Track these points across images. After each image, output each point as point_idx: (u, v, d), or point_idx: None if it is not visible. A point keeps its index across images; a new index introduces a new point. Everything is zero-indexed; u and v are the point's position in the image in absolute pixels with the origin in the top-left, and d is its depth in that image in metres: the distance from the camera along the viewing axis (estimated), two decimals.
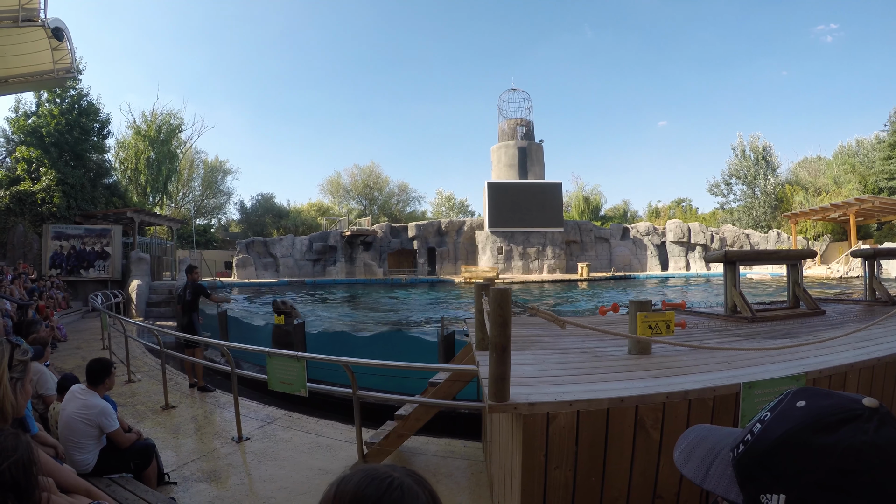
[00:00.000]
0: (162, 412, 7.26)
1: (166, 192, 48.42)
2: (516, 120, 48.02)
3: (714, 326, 5.18)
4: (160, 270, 27.57)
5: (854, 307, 6.89)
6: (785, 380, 2.83)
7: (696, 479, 0.86)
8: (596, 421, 2.50)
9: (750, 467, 0.79)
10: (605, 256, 47.60)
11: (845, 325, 4.99)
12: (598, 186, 69.99)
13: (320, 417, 6.95)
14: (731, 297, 5.74)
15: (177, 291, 6.83)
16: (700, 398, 2.69)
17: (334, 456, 5.54)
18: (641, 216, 67.21)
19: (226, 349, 6.51)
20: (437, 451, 5.59)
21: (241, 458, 5.60)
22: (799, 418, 0.76)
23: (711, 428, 0.95)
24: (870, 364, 3.35)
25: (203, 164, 57.12)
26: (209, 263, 41.32)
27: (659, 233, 48.29)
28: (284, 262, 42.82)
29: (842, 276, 32.55)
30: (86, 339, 13.86)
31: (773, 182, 53.91)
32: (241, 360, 10.66)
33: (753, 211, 53.49)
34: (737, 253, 5.79)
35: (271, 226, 55.34)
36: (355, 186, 64.17)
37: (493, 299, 2.39)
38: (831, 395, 0.78)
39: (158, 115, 47.49)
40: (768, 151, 56.11)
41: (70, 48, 15.27)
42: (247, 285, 35.80)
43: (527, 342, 4.23)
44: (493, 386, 2.39)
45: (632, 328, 3.56)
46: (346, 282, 39.98)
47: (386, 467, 0.96)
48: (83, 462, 4.20)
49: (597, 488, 2.59)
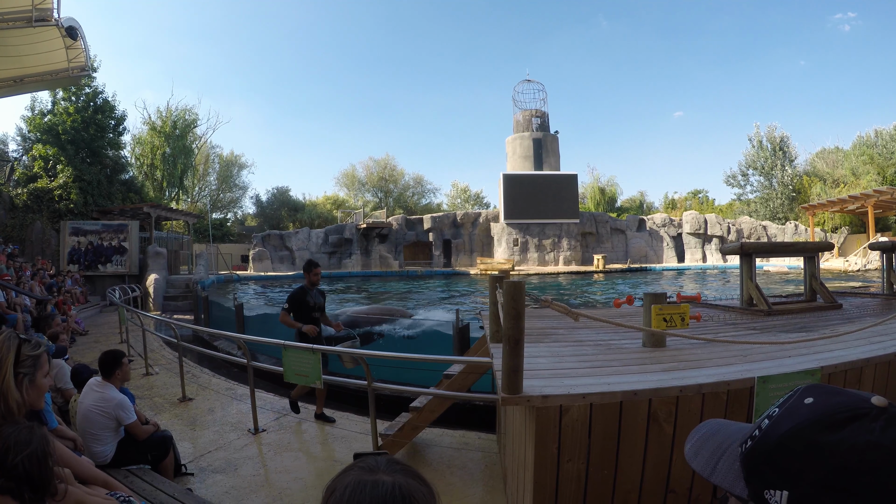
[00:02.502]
0: (179, 404, 7.34)
1: (182, 186, 48.70)
2: (531, 111, 47.75)
3: (730, 319, 5.15)
4: (177, 264, 27.86)
5: (872, 301, 6.82)
6: (800, 374, 2.81)
7: (704, 473, 0.86)
8: (609, 414, 2.50)
9: (756, 463, 0.78)
10: (621, 248, 47.32)
11: (862, 319, 4.93)
12: (614, 178, 69.40)
13: (336, 409, 6.99)
14: (747, 289, 5.71)
15: (297, 296, 6.51)
16: (714, 392, 2.68)
17: (349, 447, 5.59)
18: (658, 207, 66.60)
19: (242, 342, 6.58)
20: (452, 442, 5.61)
21: (256, 449, 5.66)
22: (805, 415, 0.76)
23: (723, 423, 0.94)
24: (886, 359, 3.31)
25: (218, 159, 57.33)
26: (225, 257, 41.67)
27: (675, 224, 47.92)
28: (300, 254, 42.87)
29: (860, 269, 32.19)
30: (104, 332, 14.05)
31: (791, 173, 53.22)
32: (257, 353, 10.75)
33: (770, 202, 52.90)
34: (753, 245, 5.75)
35: (287, 219, 55.46)
36: (370, 179, 64.18)
37: (506, 292, 2.40)
38: (840, 393, 0.77)
39: (173, 111, 47.73)
40: (785, 142, 55.39)
41: (84, 46, 15.39)
42: (263, 278, 35.99)
43: (541, 334, 4.24)
44: (507, 378, 2.40)
45: (646, 321, 3.55)
46: (361, 274, 40.07)
47: (376, 469, 0.91)
48: (101, 454, 4.26)
49: (609, 481, 2.59)
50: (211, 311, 14.88)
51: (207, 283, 26.35)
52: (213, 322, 14.44)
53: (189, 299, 20.90)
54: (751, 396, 2.72)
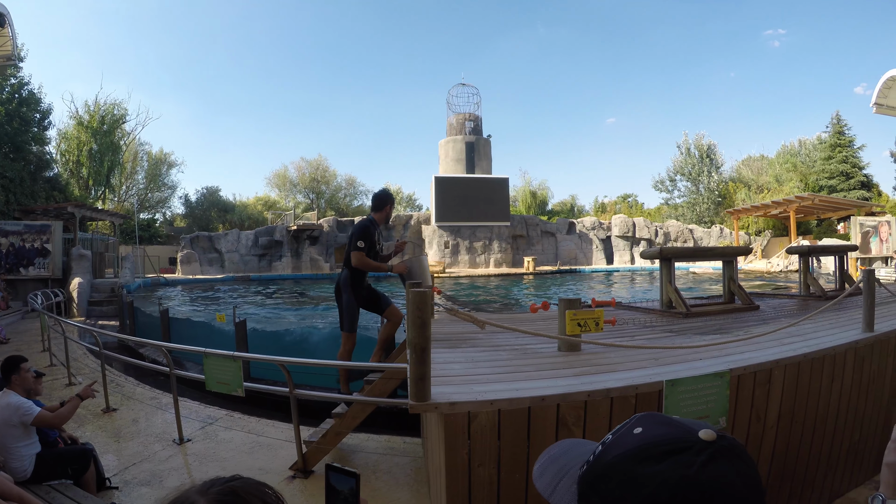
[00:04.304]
0: (103, 415, 7.07)
1: (109, 185, 46.79)
2: (465, 115, 47.91)
3: (648, 322, 5.29)
4: (102, 268, 26.73)
5: (788, 302, 7.14)
6: (709, 377, 2.88)
7: (545, 493, 0.86)
8: (517, 419, 2.52)
9: (585, 488, 0.78)
10: (552, 250, 48.10)
11: (777, 321, 5.13)
12: (546, 181, 71.03)
13: (263, 416, 6.90)
14: (666, 292, 5.89)
15: (369, 230, 5.41)
16: (623, 396, 2.73)
17: (275, 455, 5.51)
18: (588, 211, 68.14)
19: (164, 349, 6.39)
20: (378, 447, 5.60)
21: (182, 460, 5.51)
22: (629, 445, 0.75)
23: (574, 443, 0.95)
24: (796, 360, 3.43)
25: (147, 157, 55.08)
26: (152, 259, 40.20)
27: (604, 227, 49.17)
28: (230, 257, 42.01)
29: (782, 270, 33.68)
30: (26, 340, 13.36)
31: (717, 179, 55.57)
32: (185, 361, 10.46)
33: (697, 207, 54.97)
34: (672, 250, 5.93)
35: (217, 220, 54.02)
36: (302, 180, 63.27)
37: (411, 301, 2.39)
38: (670, 424, 0.77)
39: (102, 105, 45.76)
40: (713, 149, 57.81)
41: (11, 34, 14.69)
42: (191, 282, 35.01)
43: (460, 339, 4.26)
44: (414, 386, 2.40)
45: (561, 326, 3.61)
46: (292, 277, 39.44)
47: (203, 491, 0.94)
48: (20, 469, 4.08)
49: (522, 485, 2.61)
50: (137, 317, 14.39)
51: (134, 287, 25.54)
52: (139, 328, 14.00)
53: (115, 304, 20.17)
54: (660, 399, 2.77)
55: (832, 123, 49.77)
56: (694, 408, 2.82)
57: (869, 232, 33.11)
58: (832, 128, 49.68)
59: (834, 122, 49.62)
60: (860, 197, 43.77)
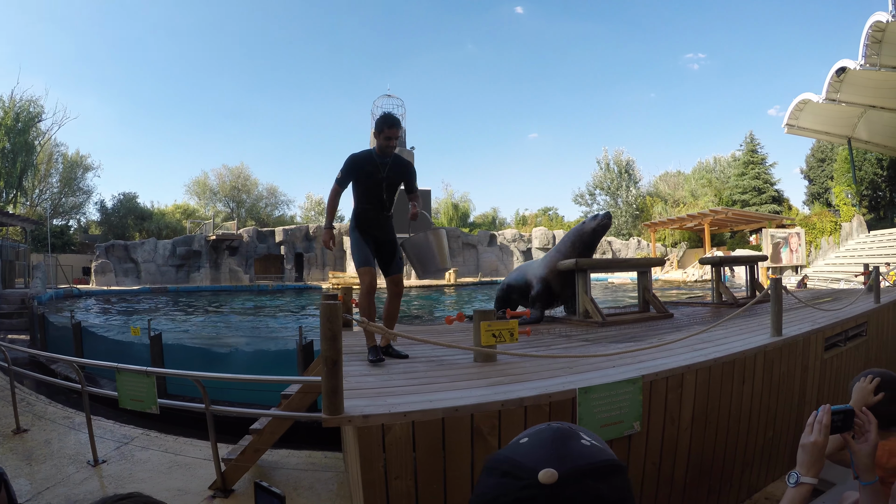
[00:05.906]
0: (13, 437, 6.66)
1: (21, 188, 44.57)
2: None
3: (564, 332, 5.43)
4: (12, 277, 25.34)
5: (702, 310, 7.51)
6: (622, 383, 2.97)
7: None
8: (432, 430, 2.54)
9: None
10: (473, 262, 48.79)
11: (690, 328, 5.33)
12: (468, 194, 72.29)
13: (181, 434, 6.66)
14: (582, 303, 6.06)
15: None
16: (536, 404, 2.78)
17: (193, 475, 5.34)
18: (509, 223, 69.12)
19: (76, 365, 6.12)
20: (298, 463, 5.52)
21: (98, 482, 5.26)
22: (491, 460, 0.75)
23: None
24: (707, 365, 3.55)
25: (62, 159, 52.32)
26: (65, 269, 38.31)
27: (525, 239, 50.46)
28: (146, 267, 40.70)
29: (697, 280, 35.27)
30: None
31: (635, 193, 58.04)
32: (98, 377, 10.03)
33: (616, 220, 56.82)
34: (587, 261, 6.10)
35: (133, 228, 51.93)
36: (223, 188, 61.83)
37: (322, 314, 2.39)
38: (506, 473, 0.70)
39: (17, 102, 43.60)
40: (631, 165, 60.50)
41: None
42: (106, 293, 33.59)
43: None
44: (327, 399, 2.40)
45: (476, 337, 3.67)
46: (210, 289, 38.45)
47: None
48: None
49: (440, 496, 2.63)
50: (48, 330, 13.69)
51: (45, 299, 24.33)
52: (51, 342, 13.28)
53: (25, 316, 19.14)
54: (574, 407, 2.84)
55: (746, 142, 52.57)
56: (607, 413, 2.92)
57: (780, 243, 35.12)
58: (746, 146, 52.42)
59: (748, 140, 52.39)
60: (772, 210, 46.20)
